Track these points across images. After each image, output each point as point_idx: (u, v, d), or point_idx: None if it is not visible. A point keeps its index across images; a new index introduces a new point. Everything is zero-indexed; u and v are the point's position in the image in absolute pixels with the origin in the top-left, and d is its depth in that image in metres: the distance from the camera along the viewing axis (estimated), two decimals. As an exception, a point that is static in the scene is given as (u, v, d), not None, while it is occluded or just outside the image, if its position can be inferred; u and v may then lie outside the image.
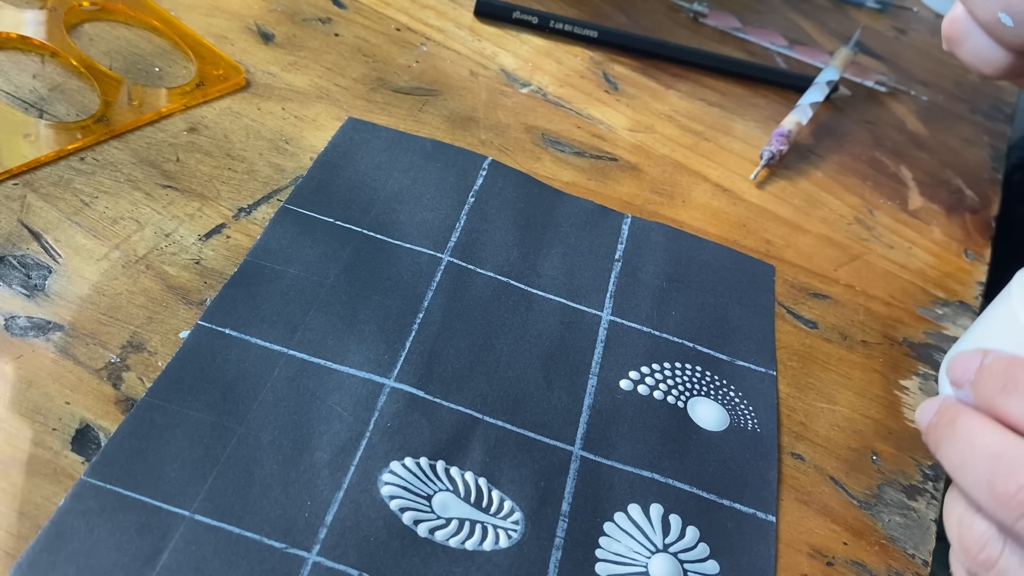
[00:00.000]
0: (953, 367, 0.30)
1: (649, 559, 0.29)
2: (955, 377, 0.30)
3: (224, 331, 0.31)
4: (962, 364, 0.29)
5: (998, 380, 0.28)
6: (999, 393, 0.28)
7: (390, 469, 0.29)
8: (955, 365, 0.30)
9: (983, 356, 0.29)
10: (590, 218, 0.40)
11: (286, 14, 0.46)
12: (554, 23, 0.51)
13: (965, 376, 0.29)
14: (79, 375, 0.29)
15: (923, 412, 0.31)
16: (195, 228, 0.35)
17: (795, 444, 0.35)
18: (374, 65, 0.45)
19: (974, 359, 0.29)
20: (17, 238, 0.32)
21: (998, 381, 0.28)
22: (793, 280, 0.42)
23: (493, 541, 0.28)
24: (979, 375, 0.29)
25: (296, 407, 0.30)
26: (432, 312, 0.34)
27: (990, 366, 0.28)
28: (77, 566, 0.25)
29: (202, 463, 0.28)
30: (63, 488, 0.26)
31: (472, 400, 0.32)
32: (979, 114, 0.59)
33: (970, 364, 0.29)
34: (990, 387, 0.28)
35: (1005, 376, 0.28)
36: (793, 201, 0.46)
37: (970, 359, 0.29)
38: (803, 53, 0.58)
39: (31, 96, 0.37)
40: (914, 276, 0.45)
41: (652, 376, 0.35)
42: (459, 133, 0.43)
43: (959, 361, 0.30)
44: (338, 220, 0.36)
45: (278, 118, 0.40)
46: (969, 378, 0.29)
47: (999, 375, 0.28)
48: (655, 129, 0.48)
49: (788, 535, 0.31)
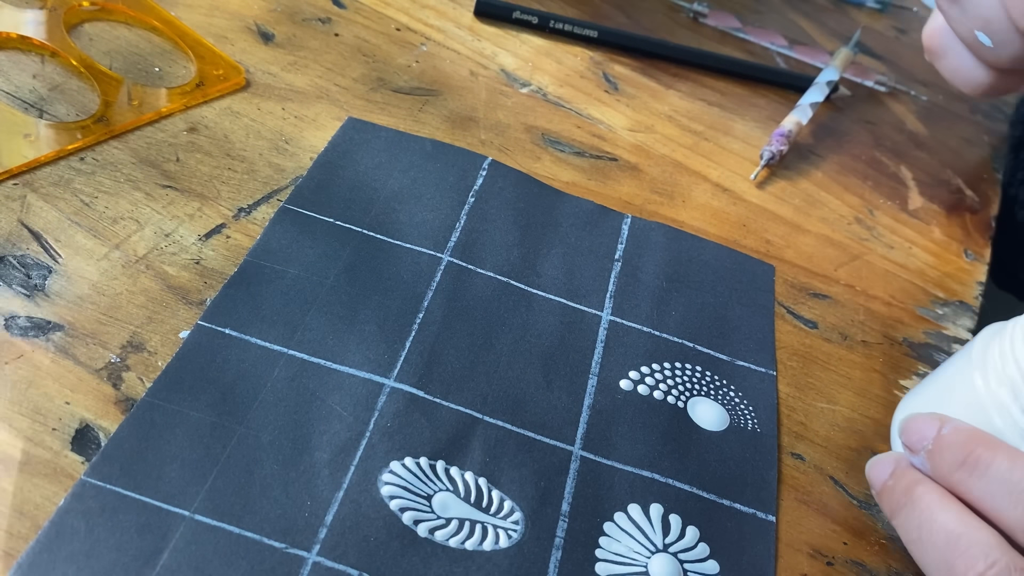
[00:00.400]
0: (908, 431, 0.29)
1: (649, 559, 0.29)
2: (910, 442, 0.29)
3: (224, 331, 0.31)
4: (918, 430, 0.29)
5: (957, 455, 0.27)
6: (958, 469, 0.27)
7: (390, 469, 0.29)
8: (910, 429, 0.29)
9: (940, 424, 0.28)
10: (590, 218, 0.40)
11: (286, 14, 0.46)
12: (554, 23, 0.51)
13: (921, 444, 0.28)
14: (79, 375, 0.29)
15: (877, 470, 0.30)
16: (195, 228, 0.35)
17: (795, 444, 0.35)
18: (374, 65, 0.45)
19: (931, 426, 0.28)
20: (17, 238, 0.32)
21: (957, 456, 0.27)
22: (793, 280, 0.42)
23: (493, 541, 0.28)
24: (937, 446, 0.28)
25: (296, 407, 0.30)
26: (432, 312, 0.34)
27: (948, 437, 0.28)
28: (77, 566, 0.25)
29: (202, 463, 0.28)
30: (63, 488, 0.26)
31: (472, 400, 0.32)
32: (979, 114, 0.59)
33: (927, 431, 0.28)
34: (948, 461, 0.27)
35: (964, 452, 0.27)
36: (793, 201, 0.46)
37: (926, 425, 0.29)
38: (803, 53, 0.58)
39: (31, 96, 0.38)
40: (914, 276, 0.45)
41: (652, 376, 0.35)
42: (459, 133, 0.43)
43: (915, 426, 0.29)
44: (338, 220, 0.36)
45: (278, 118, 0.40)
46: (926, 446, 0.28)
47: (958, 450, 0.27)
48: (655, 129, 0.48)
49: (788, 535, 0.31)
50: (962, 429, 0.28)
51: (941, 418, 0.29)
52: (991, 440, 0.27)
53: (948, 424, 0.28)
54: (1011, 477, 0.26)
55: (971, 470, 0.27)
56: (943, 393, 0.32)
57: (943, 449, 0.28)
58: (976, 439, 0.27)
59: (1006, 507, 0.26)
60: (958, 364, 0.32)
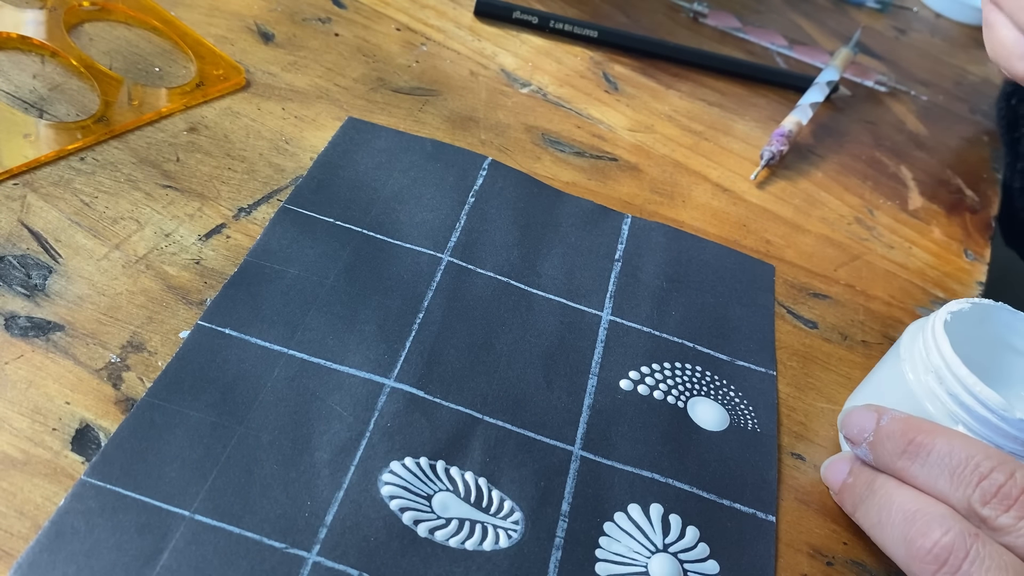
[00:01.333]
0: (848, 425, 0.31)
1: (649, 559, 0.29)
2: (851, 435, 0.31)
3: (224, 331, 0.31)
4: (857, 423, 0.31)
5: (898, 444, 0.29)
6: (900, 457, 0.29)
7: (390, 469, 0.29)
8: (850, 423, 0.31)
9: (878, 416, 0.30)
10: (590, 218, 0.40)
11: (286, 14, 0.46)
12: (554, 23, 0.51)
13: (862, 436, 0.30)
14: (79, 375, 0.29)
15: (833, 470, 0.32)
16: (195, 228, 0.35)
17: (795, 444, 0.35)
18: (374, 65, 0.45)
19: (869, 418, 0.30)
20: (17, 238, 0.32)
21: (898, 444, 0.29)
22: (793, 280, 0.42)
23: (493, 541, 0.28)
24: (878, 437, 0.30)
25: (296, 407, 0.30)
26: (432, 312, 0.34)
27: (887, 427, 0.30)
28: (77, 566, 0.25)
29: (202, 463, 0.28)
30: (63, 488, 0.26)
31: (472, 400, 0.32)
32: (979, 114, 0.59)
33: (866, 424, 0.30)
34: (889, 451, 0.29)
35: (904, 440, 0.29)
36: (793, 201, 0.46)
37: (865, 418, 0.30)
38: (803, 53, 0.58)
39: (31, 96, 0.38)
40: (914, 276, 0.45)
41: (652, 376, 0.35)
42: (459, 133, 0.43)
43: (854, 419, 0.31)
44: (338, 220, 0.36)
45: (278, 118, 0.40)
46: (867, 438, 0.30)
47: (898, 438, 0.29)
48: (655, 129, 0.48)
49: (788, 535, 0.31)
50: (899, 418, 0.30)
51: (878, 409, 0.31)
52: (927, 426, 0.29)
53: (885, 415, 0.30)
54: (951, 461, 0.28)
55: (912, 457, 0.29)
56: (879, 389, 0.34)
57: (884, 440, 0.30)
58: (913, 427, 0.29)
59: (949, 489, 0.27)
60: (889, 361, 0.34)
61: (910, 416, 0.30)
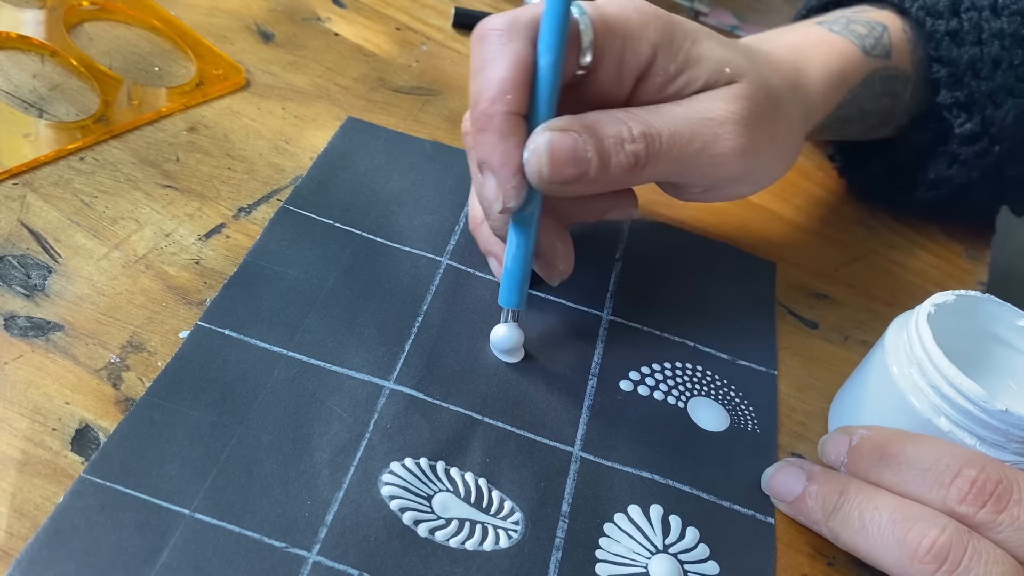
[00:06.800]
0: (825, 453, 0.32)
1: (649, 560, 0.29)
2: (830, 462, 0.32)
3: (224, 332, 0.31)
4: (833, 449, 0.31)
5: (872, 458, 0.30)
6: (874, 471, 0.29)
7: (390, 469, 0.29)
8: (826, 451, 0.32)
9: (848, 438, 0.31)
10: (590, 218, 0.40)
11: (286, 13, 0.46)
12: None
13: (839, 459, 0.31)
14: (79, 375, 0.29)
15: (783, 481, 0.32)
16: (195, 228, 0.35)
17: (795, 444, 0.35)
18: (374, 65, 0.45)
19: (841, 442, 0.31)
20: (17, 238, 0.32)
21: (872, 459, 0.30)
22: (794, 280, 0.42)
23: (493, 541, 0.28)
24: (852, 458, 0.30)
25: (296, 408, 0.30)
26: (431, 315, 0.34)
27: (859, 447, 0.30)
28: (77, 563, 0.25)
29: (202, 462, 0.28)
30: (63, 488, 0.26)
31: (472, 401, 0.32)
32: (980, 114, 0.59)
33: (840, 447, 0.31)
34: (863, 468, 0.30)
35: (877, 454, 0.30)
36: (794, 201, 0.46)
37: (838, 442, 0.31)
38: (803, 53, 0.57)
39: (31, 96, 0.37)
40: (915, 276, 0.45)
41: (652, 376, 0.35)
42: (459, 133, 0.43)
43: (829, 447, 0.32)
44: (337, 222, 0.36)
45: (278, 118, 0.40)
46: (843, 460, 0.31)
47: (871, 453, 0.30)
48: (655, 129, 0.48)
49: (788, 535, 0.31)
50: (867, 436, 0.30)
51: (847, 431, 0.31)
52: (896, 436, 0.30)
53: (855, 435, 0.31)
54: (921, 465, 0.28)
55: (886, 467, 0.29)
56: (865, 385, 0.34)
57: (858, 458, 0.30)
58: (883, 440, 0.30)
59: (925, 491, 0.28)
60: (875, 357, 0.34)
61: (879, 429, 0.31)
